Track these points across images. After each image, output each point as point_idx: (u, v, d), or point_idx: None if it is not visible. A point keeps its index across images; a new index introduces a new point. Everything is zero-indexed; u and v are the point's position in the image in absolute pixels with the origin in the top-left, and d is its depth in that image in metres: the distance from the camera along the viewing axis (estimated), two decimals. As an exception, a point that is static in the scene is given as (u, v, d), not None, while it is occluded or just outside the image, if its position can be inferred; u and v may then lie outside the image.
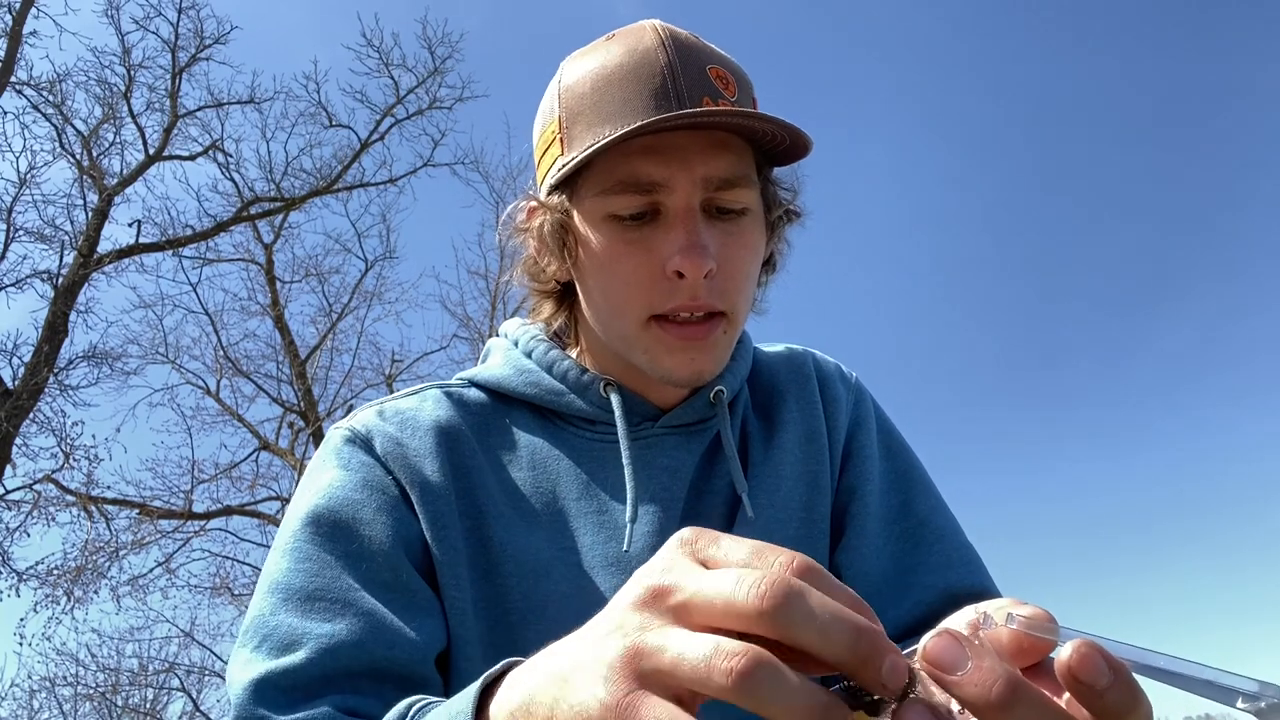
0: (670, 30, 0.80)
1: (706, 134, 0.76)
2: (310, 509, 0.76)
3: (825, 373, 0.96)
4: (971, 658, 0.35)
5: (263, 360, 11.13)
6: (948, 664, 0.35)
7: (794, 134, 0.77)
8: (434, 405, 0.85)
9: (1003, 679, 0.34)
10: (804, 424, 0.91)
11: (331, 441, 0.82)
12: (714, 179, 0.77)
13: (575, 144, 0.78)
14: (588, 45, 0.84)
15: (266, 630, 0.69)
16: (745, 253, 0.80)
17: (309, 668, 0.66)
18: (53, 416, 9.23)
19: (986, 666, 0.34)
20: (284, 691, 0.66)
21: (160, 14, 9.83)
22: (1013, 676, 0.34)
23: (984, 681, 0.34)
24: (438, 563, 0.76)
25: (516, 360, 0.89)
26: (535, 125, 0.87)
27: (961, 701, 0.35)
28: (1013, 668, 0.35)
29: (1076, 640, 0.35)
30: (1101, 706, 0.35)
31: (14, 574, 9.16)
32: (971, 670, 0.34)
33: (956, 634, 0.36)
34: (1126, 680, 0.35)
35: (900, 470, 0.93)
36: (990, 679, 0.34)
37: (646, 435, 0.85)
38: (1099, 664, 0.34)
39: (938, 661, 0.35)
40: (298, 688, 0.66)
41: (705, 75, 0.78)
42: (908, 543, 0.87)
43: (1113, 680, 0.34)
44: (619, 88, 0.77)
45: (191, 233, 10.09)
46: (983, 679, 0.34)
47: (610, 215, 0.78)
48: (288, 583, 0.72)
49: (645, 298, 0.78)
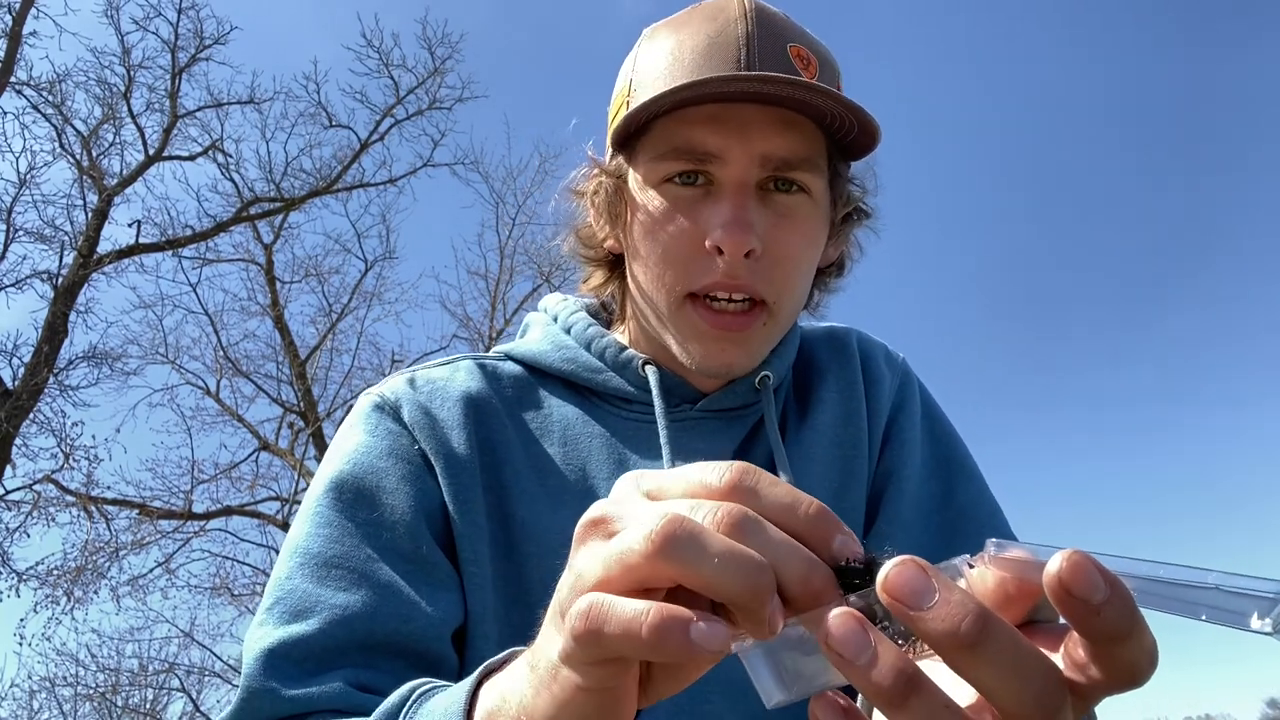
0: (757, 3, 0.78)
1: (774, 110, 0.73)
2: (335, 474, 0.75)
3: (869, 352, 0.92)
4: (939, 589, 0.31)
5: (263, 360, 11.13)
6: (911, 596, 0.31)
7: (858, 115, 0.73)
8: (466, 376, 0.83)
9: (973, 613, 0.30)
10: (842, 404, 0.87)
11: (361, 407, 0.81)
12: (774, 158, 0.73)
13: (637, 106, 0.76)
14: (673, 15, 0.82)
15: (282, 593, 0.68)
16: (798, 239, 0.76)
17: (321, 638, 0.65)
18: (53, 417, 9.23)
19: (955, 600, 0.31)
20: (296, 662, 0.64)
21: (160, 14, 9.83)
22: (983, 611, 0.31)
23: (951, 616, 0.30)
24: (459, 536, 0.74)
25: (555, 335, 0.87)
26: (612, 93, 0.85)
27: (926, 639, 0.31)
28: (982, 602, 0.31)
29: (1067, 550, 0.30)
30: (1097, 626, 0.30)
31: (14, 574, 9.15)
32: (938, 604, 0.30)
33: (922, 563, 0.32)
34: (1123, 595, 0.30)
35: (943, 457, 0.88)
36: (959, 613, 0.30)
37: (684, 417, 0.83)
38: (1092, 573, 0.30)
39: (899, 593, 0.31)
40: (310, 658, 0.65)
41: (784, 52, 0.75)
42: (946, 531, 0.83)
43: (1109, 595, 0.30)
44: (691, 55, 0.75)
45: (191, 233, 10.08)
46: (950, 613, 0.30)
47: (662, 180, 0.76)
48: (307, 547, 0.71)
49: (683, 271, 0.75)
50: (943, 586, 0.31)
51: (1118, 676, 0.32)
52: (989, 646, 0.30)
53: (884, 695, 0.31)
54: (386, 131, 10.83)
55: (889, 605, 0.31)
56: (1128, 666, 0.32)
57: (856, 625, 0.31)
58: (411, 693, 0.53)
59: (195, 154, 10.27)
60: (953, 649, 0.31)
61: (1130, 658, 0.31)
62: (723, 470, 0.37)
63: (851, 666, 0.31)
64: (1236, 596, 0.30)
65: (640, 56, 0.80)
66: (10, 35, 8.98)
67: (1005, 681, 0.31)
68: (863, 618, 0.32)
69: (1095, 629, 0.31)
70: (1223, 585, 0.30)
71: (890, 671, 0.30)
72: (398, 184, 11.07)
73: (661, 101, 0.71)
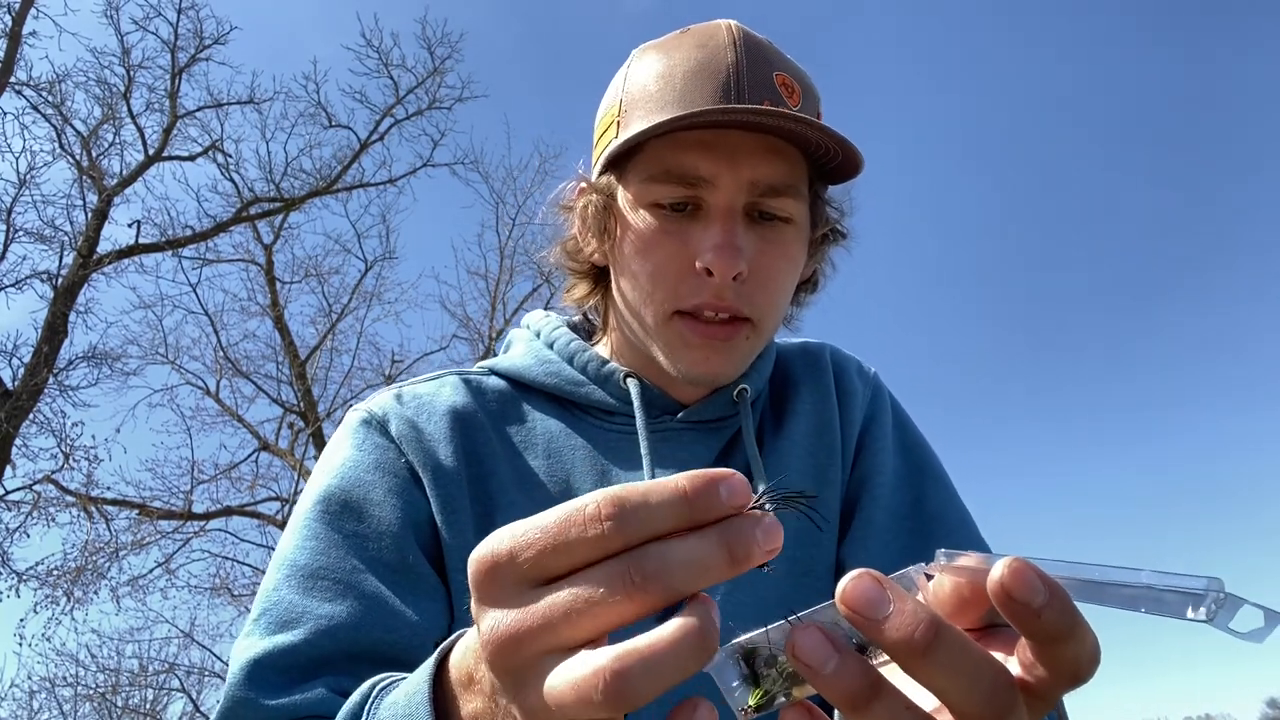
0: (744, 31, 0.81)
1: (761, 138, 0.77)
2: (323, 488, 0.77)
3: (842, 366, 0.95)
4: (893, 600, 0.33)
5: (262, 361, 11.14)
6: (867, 607, 0.33)
7: (844, 148, 0.76)
8: (451, 391, 0.86)
9: (925, 622, 0.32)
10: (816, 416, 0.90)
11: (349, 422, 0.83)
12: (761, 183, 0.77)
13: (631, 129, 0.79)
14: (662, 38, 0.85)
15: (269, 604, 0.70)
16: (782, 263, 0.80)
17: (305, 648, 0.67)
18: (52, 417, 9.23)
19: (909, 610, 0.33)
20: (280, 672, 0.66)
21: (160, 14, 9.85)
22: (935, 619, 0.33)
23: (905, 626, 0.32)
24: (446, 547, 0.76)
25: (538, 350, 0.90)
26: (599, 110, 0.88)
27: (882, 647, 0.33)
28: (934, 611, 0.33)
29: (1008, 557, 0.33)
30: (1039, 628, 0.33)
31: (14, 574, 9.16)
32: (893, 614, 0.33)
33: (876, 575, 0.34)
34: (1062, 598, 0.33)
35: (915, 465, 0.91)
36: (912, 623, 0.32)
37: (665, 428, 0.85)
38: (1032, 579, 0.32)
39: (856, 604, 0.33)
40: (294, 668, 0.66)
41: (770, 80, 0.78)
42: (918, 537, 0.86)
43: (1049, 598, 0.32)
44: (682, 80, 0.78)
45: (191, 233, 10.08)
46: (903, 623, 0.32)
47: (652, 203, 0.79)
48: (294, 559, 0.73)
49: (672, 290, 0.78)
50: (896, 597, 0.33)
51: (1062, 674, 0.34)
52: (940, 653, 0.32)
53: (848, 700, 0.33)
54: (386, 131, 10.86)
55: (847, 616, 0.34)
56: (1070, 664, 0.34)
57: (821, 637, 0.33)
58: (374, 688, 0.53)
59: (195, 154, 10.28)
60: (907, 656, 0.33)
61: (1072, 656, 0.34)
62: (588, 519, 0.33)
63: (817, 675, 0.33)
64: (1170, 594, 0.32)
65: (630, 77, 0.83)
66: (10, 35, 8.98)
67: (957, 685, 0.33)
68: (828, 631, 0.34)
69: (1037, 630, 0.33)
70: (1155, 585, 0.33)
71: (853, 678, 0.33)
72: (397, 184, 11.11)
73: (659, 129, 0.74)
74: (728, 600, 0.79)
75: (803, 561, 0.83)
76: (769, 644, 0.36)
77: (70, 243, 9.39)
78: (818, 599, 1.02)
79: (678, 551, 0.32)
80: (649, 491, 0.33)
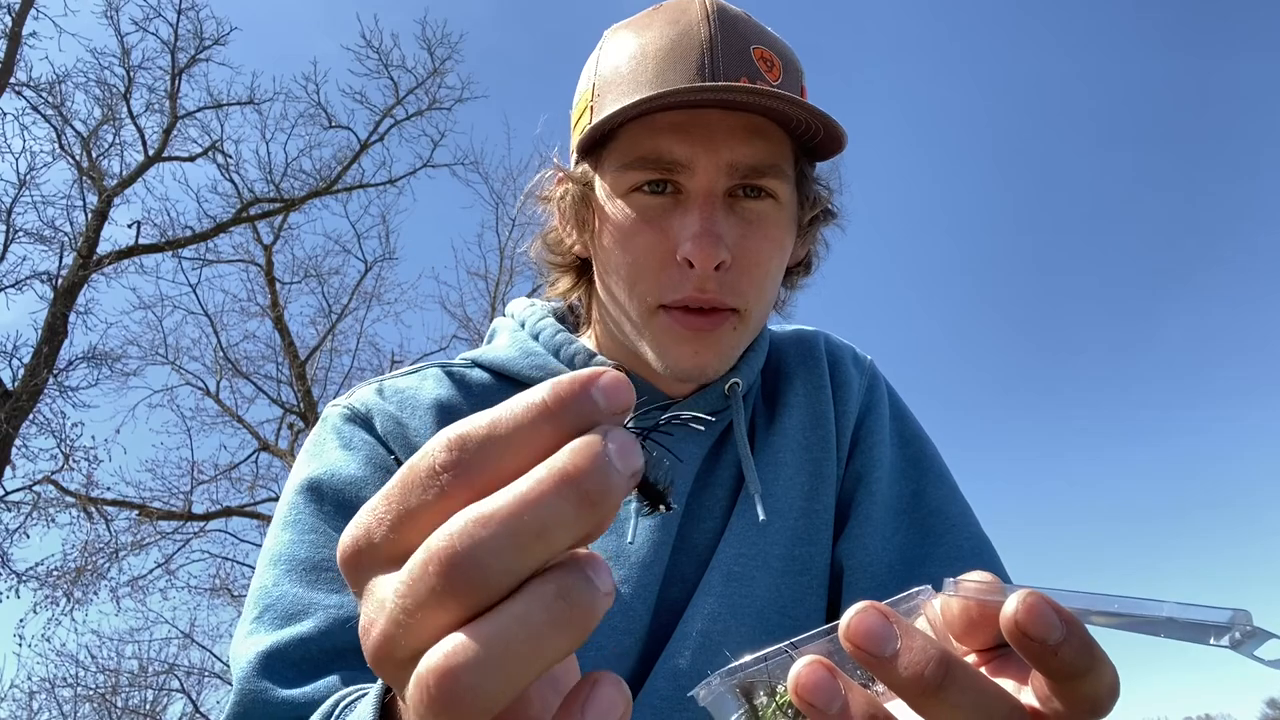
0: (719, 5, 0.77)
1: (740, 117, 0.73)
2: (312, 484, 0.74)
3: (837, 355, 0.92)
4: (900, 635, 0.31)
5: (262, 361, 11.12)
6: (873, 643, 0.31)
7: (825, 123, 0.73)
8: (434, 384, 0.83)
9: (935, 659, 0.30)
10: (810, 408, 0.87)
11: (330, 419, 0.80)
12: (741, 165, 0.73)
13: (603, 113, 0.75)
14: (633, 16, 0.81)
15: (269, 601, 0.67)
16: (767, 246, 0.76)
17: (319, 639, 0.64)
18: (52, 418, 9.23)
19: (918, 646, 0.30)
20: (292, 664, 0.63)
21: (159, 15, 9.85)
22: (945, 655, 0.30)
23: (915, 664, 0.30)
24: None
25: (523, 342, 0.87)
26: (574, 96, 0.85)
27: (890, 685, 0.31)
28: (944, 646, 0.31)
29: (1021, 590, 0.30)
30: (1056, 666, 0.30)
31: (14, 575, 9.15)
32: (901, 651, 0.30)
33: (882, 608, 0.32)
34: (1081, 634, 0.30)
35: (913, 458, 0.89)
36: (922, 660, 0.30)
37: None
38: (1048, 615, 0.30)
39: (862, 640, 0.31)
40: (307, 659, 0.64)
41: (748, 55, 0.74)
42: (917, 532, 0.83)
43: (1066, 634, 0.30)
44: (654, 60, 0.74)
45: (191, 234, 10.08)
46: (913, 660, 0.30)
47: (629, 190, 0.76)
48: (291, 554, 0.70)
49: (654, 283, 0.75)
50: (904, 633, 0.31)
51: (1079, 709, 0.32)
52: (952, 691, 0.30)
53: None
54: (386, 132, 10.85)
55: (851, 653, 0.31)
56: (1088, 700, 0.32)
57: (826, 674, 0.31)
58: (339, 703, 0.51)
59: (195, 155, 10.27)
60: (917, 695, 0.30)
61: (1090, 692, 0.31)
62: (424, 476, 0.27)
63: (823, 715, 0.31)
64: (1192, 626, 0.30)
65: (602, 59, 0.80)
66: (10, 36, 8.98)
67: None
68: (832, 665, 0.31)
69: (1054, 668, 0.31)
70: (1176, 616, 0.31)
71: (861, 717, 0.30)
72: (397, 184, 11.09)
73: (627, 112, 0.71)
74: (722, 600, 0.77)
75: (799, 559, 0.82)
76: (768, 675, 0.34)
77: (70, 243, 9.39)
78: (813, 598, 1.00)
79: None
80: (496, 420, 0.26)
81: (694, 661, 0.74)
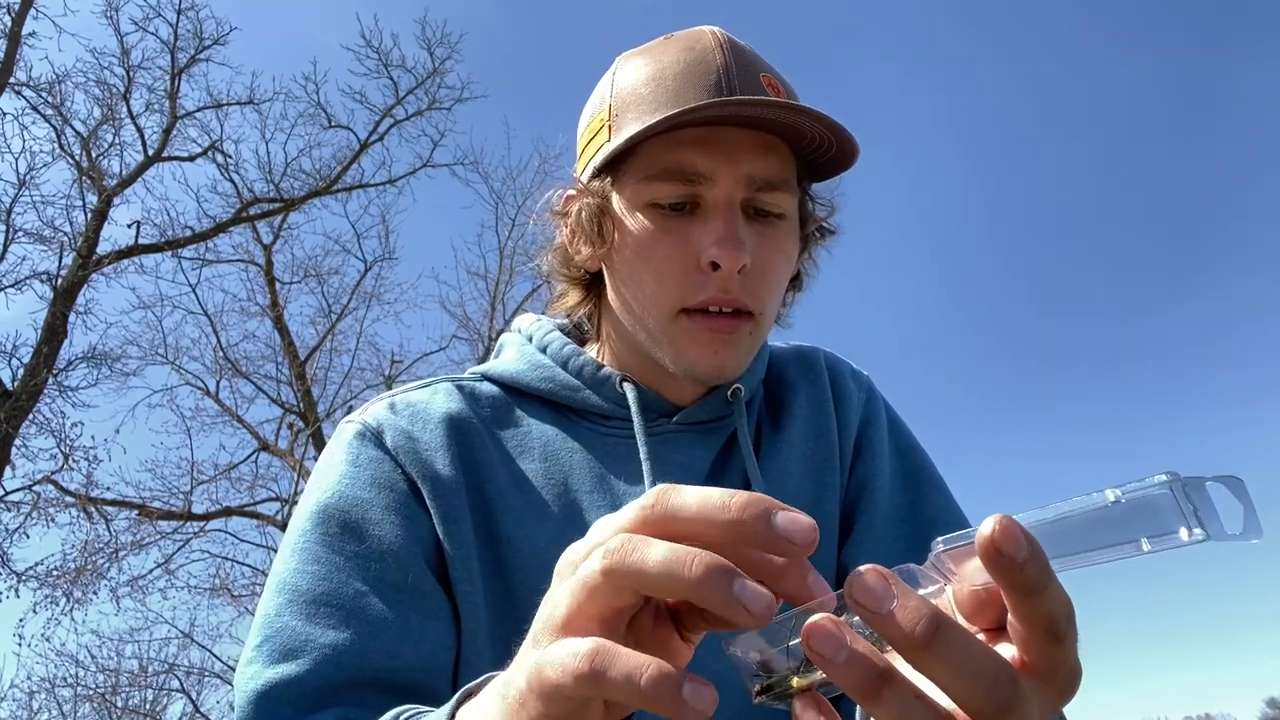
0: (728, 37, 0.83)
1: (755, 134, 0.78)
2: (320, 507, 0.76)
3: (837, 370, 0.96)
4: (897, 595, 0.35)
5: (262, 361, 11.13)
6: (872, 600, 0.35)
7: (841, 138, 0.78)
8: (445, 398, 0.85)
9: (926, 617, 0.34)
10: (813, 420, 0.91)
11: (343, 436, 0.82)
12: (757, 179, 0.78)
13: (624, 131, 0.79)
14: (645, 44, 0.86)
15: (271, 631, 0.70)
16: (779, 257, 0.81)
17: (311, 678, 0.67)
18: (52, 417, 9.22)
19: (911, 605, 0.35)
20: (288, 702, 0.66)
21: (159, 15, 9.84)
22: (936, 614, 0.34)
23: (907, 620, 0.34)
24: (449, 558, 0.76)
25: (531, 355, 0.89)
26: (582, 117, 0.89)
27: (886, 639, 0.35)
28: (936, 606, 0.35)
29: (996, 515, 0.35)
30: (1020, 581, 0.35)
31: (13, 575, 9.14)
32: (897, 608, 0.35)
33: (883, 570, 0.36)
34: (1040, 554, 0.35)
35: (911, 469, 0.92)
36: (914, 617, 0.34)
37: (662, 431, 0.85)
38: (1018, 534, 0.35)
39: (862, 598, 0.35)
40: (302, 697, 0.66)
41: (758, 80, 0.80)
42: (917, 542, 0.86)
43: (1030, 553, 0.35)
44: (673, 81, 0.79)
45: (191, 233, 10.08)
46: (906, 617, 0.34)
47: (651, 203, 0.79)
48: (295, 584, 0.72)
49: (677, 289, 0.79)
50: (901, 593, 0.35)
51: (1037, 627, 0.36)
52: (941, 646, 0.34)
53: (859, 689, 0.35)
54: (386, 132, 10.85)
55: (854, 609, 0.36)
56: (1046, 617, 0.36)
57: (833, 629, 0.35)
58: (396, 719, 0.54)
59: (195, 154, 10.27)
60: (909, 648, 0.35)
61: (1047, 608, 0.36)
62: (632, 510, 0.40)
63: (830, 665, 0.35)
64: (1145, 504, 0.35)
65: (617, 82, 0.84)
66: (10, 36, 8.98)
67: (958, 677, 0.35)
68: (838, 620, 0.36)
69: (1019, 583, 0.35)
70: (1122, 497, 0.35)
71: (864, 668, 0.35)
72: (397, 184, 11.09)
73: (655, 128, 0.75)
74: None
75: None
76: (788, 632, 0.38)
77: (70, 243, 9.39)
78: None
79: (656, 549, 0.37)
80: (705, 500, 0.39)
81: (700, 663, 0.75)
